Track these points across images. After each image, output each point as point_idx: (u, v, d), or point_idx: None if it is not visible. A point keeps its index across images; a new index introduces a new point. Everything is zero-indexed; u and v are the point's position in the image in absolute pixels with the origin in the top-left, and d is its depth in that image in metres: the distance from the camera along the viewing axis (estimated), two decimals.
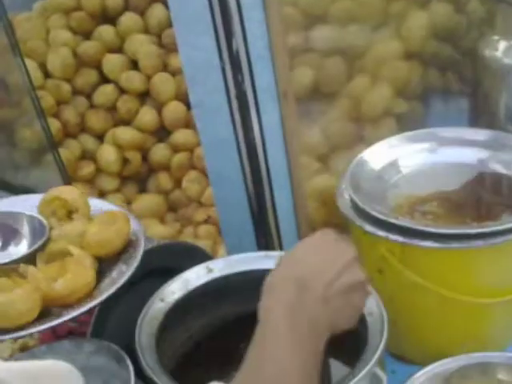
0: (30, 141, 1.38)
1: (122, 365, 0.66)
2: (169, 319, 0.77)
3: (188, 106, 1.45)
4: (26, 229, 0.87)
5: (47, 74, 1.50)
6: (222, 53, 0.74)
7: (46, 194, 0.90)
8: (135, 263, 0.79)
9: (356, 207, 0.82)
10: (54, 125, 1.42)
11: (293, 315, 0.57)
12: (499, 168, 0.88)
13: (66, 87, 1.49)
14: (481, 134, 0.92)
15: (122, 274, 0.77)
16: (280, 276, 0.61)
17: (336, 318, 0.61)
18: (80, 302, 0.73)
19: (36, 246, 0.80)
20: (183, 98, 1.44)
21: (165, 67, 1.47)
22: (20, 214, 0.87)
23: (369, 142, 0.97)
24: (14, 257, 0.79)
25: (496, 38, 1.07)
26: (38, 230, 0.85)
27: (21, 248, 0.84)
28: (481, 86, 1.10)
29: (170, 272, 0.83)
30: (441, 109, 1.21)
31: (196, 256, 0.89)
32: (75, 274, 0.73)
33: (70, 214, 0.88)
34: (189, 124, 1.45)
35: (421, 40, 1.16)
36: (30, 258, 0.79)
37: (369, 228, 0.80)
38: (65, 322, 0.71)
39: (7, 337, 0.69)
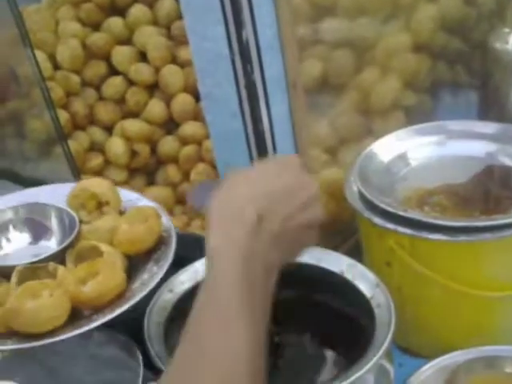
0: (39, 132, 1.38)
1: (131, 355, 0.66)
2: (177, 310, 0.77)
3: (196, 98, 1.45)
4: (54, 222, 0.86)
5: (56, 66, 1.50)
6: (231, 43, 0.74)
7: (76, 185, 0.89)
8: (167, 262, 0.77)
9: (364, 199, 0.82)
10: (63, 116, 1.43)
11: (245, 259, 0.50)
12: (508, 161, 0.88)
13: (74, 79, 1.49)
14: (489, 127, 0.92)
15: (153, 275, 0.76)
16: (232, 201, 0.54)
17: (286, 254, 0.56)
18: (110, 303, 0.72)
19: (66, 243, 0.79)
20: (192, 90, 1.44)
21: (174, 59, 1.46)
22: (49, 207, 0.86)
23: (377, 135, 0.97)
24: (44, 254, 0.77)
25: (507, 30, 1.07)
26: (67, 223, 0.84)
27: (50, 243, 0.84)
28: (490, 79, 1.10)
29: (178, 263, 0.84)
30: (450, 101, 1.21)
31: (204, 247, 0.89)
32: (105, 277, 0.72)
33: (100, 207, 0.86)
34: (197, 116, 1.45)
35: (430, 32, 1.15)
36: (59, 255, 0.77)
37: (377, 220, 0.80)
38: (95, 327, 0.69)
39: (37, 344, 0.67)
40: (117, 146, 1.46)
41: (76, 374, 0.70)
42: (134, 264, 0.79)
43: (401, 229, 0.77)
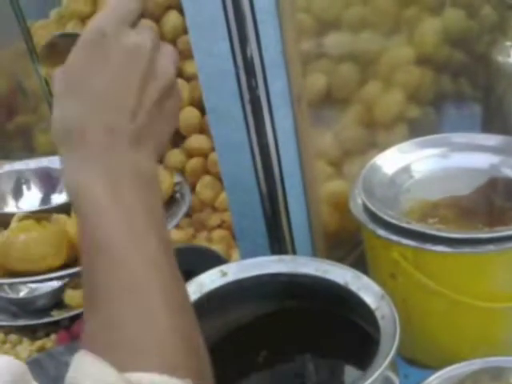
0: (46, 146, 1.40)
1: None
2: None
3: (202, 111, 1.46)
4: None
5: None
6: (236, 59, 0.75)
7: None
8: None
9: (368, 211, 0.83)
10: None
11: (112, 185, 0.44)
12: (511, 173, 0.89)
13: None
14: (493, 140, 0.93)
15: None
16: (73, 125, 0.45)
17: (158, 136, 0.48)
18: None
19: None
20: (198, 103, 1.45)
21: (179, 73, 1.48)
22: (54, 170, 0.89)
23: (381, 148, 0.98)
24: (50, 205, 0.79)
25: (509, 43, 1.07)
26: None
27: (62, 197, 0.86)
28: (493, 92, 1.11)
29: (184, 275, 0.84)
30: (453, 114, 1.21)
31: (210, 259, 0.90)
32: None
33: None
34: (203, 129, 1.46)
35: (433, 45, 1.16)
36: (65, 209, 0.75)
37: (381, 232, 0.80)
38: None
39: (28, 279, 0.65)
40: None
41: None
42: None
43: (404, 241, 0.78)
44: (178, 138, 1.50)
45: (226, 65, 0.76)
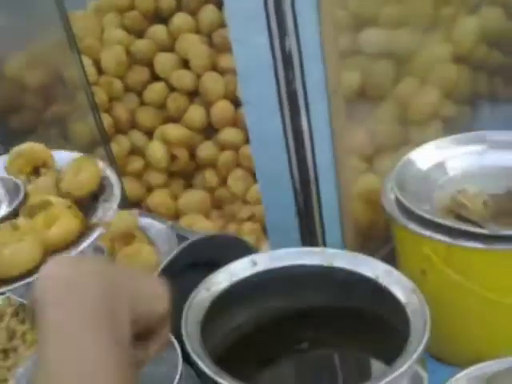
0: (82, 135, 1.42)
1: (169, 348, 0.68)
2: (214, 308, 0.79)
3: (236, 105, 1.47)
4: (1, 191, 0.90)
5: (100, 71, 1.54)
6: (274, 51, 0.75)
7: (10, 153, 0.96)
8: (116, 198, 0.85)
9: (401, 206, 0.83)
10: (106, 120, 1.46)
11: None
12: None
13: (118, 84, 1.53)
14: None
15: (107, 210, 0.83)
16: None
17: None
18: (74, 244, 0.78)
19: (16, 203, 0.85)
20: (231, 97, 1.47)
21: (214, 67, 1.49)
22: None
23: (414, 145, 0.98)
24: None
25: None
26: (12, 189, 0.89)
27: (1, 211, 0.87)
28: None
29: (213, 264, 0.85)
30: (489, 113, 1.20)
31: (240, 248, 0.91)
32: (66, 219, 0.78)
33: (36, 170, 0.93)
34: (236, 123, 1.48)
35: (470, 44, 1.16)
36: (13, 216, 0.83)
37: (413, 227, 0.81)
38: None
39: (12, 287, 0.73)
40: (157, 150, 1.49)
41: None
42: (86, 207, 0.86)
43: (437, 236, 0.78)
44: (210, 131, 1.52)
45: (264, 57, 0.77)
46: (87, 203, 0.86)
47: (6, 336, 0.97)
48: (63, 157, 0.97)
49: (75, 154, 0.98)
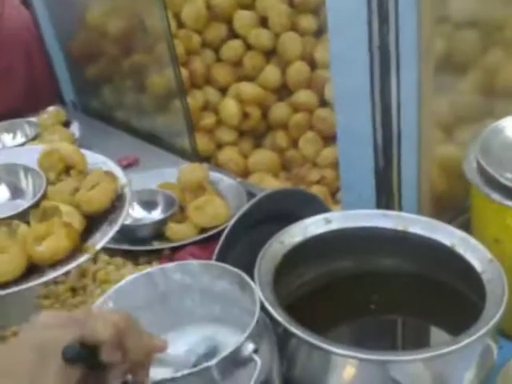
0: (159, 87, 1.43)
1: (244, 293, 0.68)
2: (286, 260, 0.79)
3: (312, 67, 1.46)
4: (28, 182, 0.96)
5: (180, 24, 1.55)
6: (371, 2, 0.74)
7: (43, 148, 0.98)
8: (117, 224, 0.86)
9: (484, 174, 0.81)
10: (183, 73, 1.47)
11: None
12: None
13: (196, 38, 1.53)
14: None
15: (104, 235, 0.85)
16: None
17: None
18: (65, 259, 0.82)
19: (31, 204, 0.88)
20: (308, 58, 1.46)
21: (294, 27, 1.48)
22: (23, 167, 0.96)
23: (498, 117, 0.95)
24: (12, 212, 0.87)
25: None
26: (37, 183, 0.93)
27: (25, 202, 0.92)
28: None
29: (288, 216, 0.85)
30: None
31: (312, 204, 0.90)
32: (59, 237, 0.81)
33: (68, 170, 0.95)
34: (311, 85, 1.46)
35: None
36: (26, 214, 0.87)
37: (496, 196, 0.79)
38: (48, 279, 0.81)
39: None
40: (230, 107, 1.50)
41: (187, 304, 0.74)
42: (94, 223, 0.88)
43: None
44: (284, 92, 1.51)
45: (358, 9, 0.75)
46: (97, 216, 0.88)
47: (78, 274, 1.00)
48: (93, 159, 0.99)
49: (106, 161, 0.99)
